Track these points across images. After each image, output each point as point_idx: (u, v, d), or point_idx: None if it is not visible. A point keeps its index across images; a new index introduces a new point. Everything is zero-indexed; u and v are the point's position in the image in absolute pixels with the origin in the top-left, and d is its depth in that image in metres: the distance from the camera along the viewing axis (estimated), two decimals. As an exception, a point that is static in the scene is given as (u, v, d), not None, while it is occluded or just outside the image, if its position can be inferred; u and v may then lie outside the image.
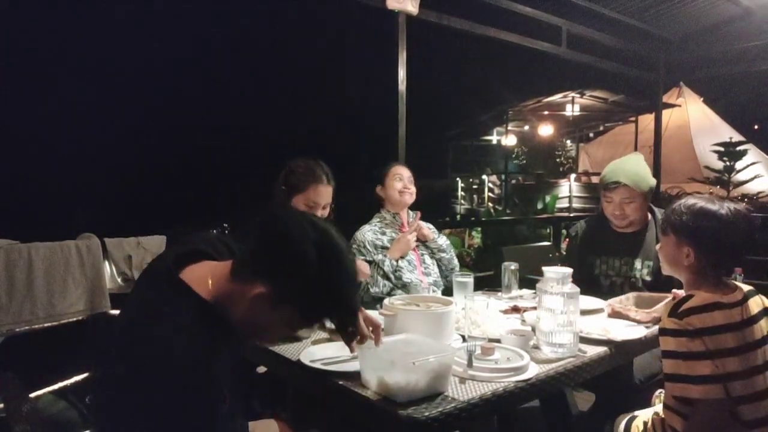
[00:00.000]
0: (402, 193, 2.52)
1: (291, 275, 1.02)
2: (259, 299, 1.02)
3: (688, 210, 1.47)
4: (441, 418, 1.19)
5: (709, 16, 4.96)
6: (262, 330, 1.11)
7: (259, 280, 1.02)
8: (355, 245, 2.46)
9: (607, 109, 11.32)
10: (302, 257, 1.01)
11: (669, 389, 1.36)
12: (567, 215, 8.95)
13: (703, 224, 1.43)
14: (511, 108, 11.52)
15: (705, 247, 1.44)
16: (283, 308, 1.04)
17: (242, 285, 1.04)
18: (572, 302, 1.56)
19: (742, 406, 1.34)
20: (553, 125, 12.46)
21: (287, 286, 1.02)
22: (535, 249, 3.93)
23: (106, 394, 1.07)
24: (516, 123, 13.12)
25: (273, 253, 1.03)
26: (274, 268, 1.02)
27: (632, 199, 2.32)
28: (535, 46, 4.49)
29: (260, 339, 1.17)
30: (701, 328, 1.32)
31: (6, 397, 1.28)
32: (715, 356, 1.32)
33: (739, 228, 1.42)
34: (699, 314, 1.34)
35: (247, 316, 1.05)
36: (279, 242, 1.03)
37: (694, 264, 1.46)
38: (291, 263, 1.02)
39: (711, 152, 9.46)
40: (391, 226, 2.55)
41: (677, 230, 1.49)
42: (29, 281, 2.42)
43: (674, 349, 1.34)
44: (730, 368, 1.32)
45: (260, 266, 1.03)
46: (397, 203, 2.55)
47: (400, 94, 3.44)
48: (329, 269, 1.03)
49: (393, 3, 3.31)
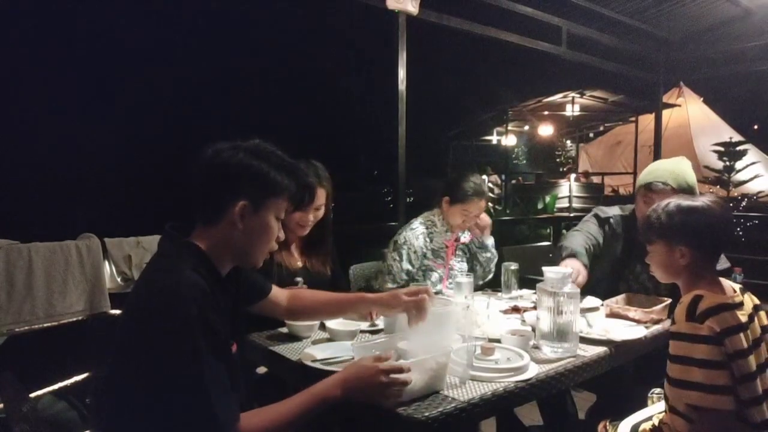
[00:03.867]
0: (458, 227, 2.53)
1: (251, 178, 1.19)
2: (245, 211, 1.18)
3: (667, 213, 1.48)
4: (441, 418, 1.19)
5: (709, 16, 4.96)
6: (265, 233, 1.24)
7: (232, 202, 1.17)
8: (406, 246, 2.46)
9: (607, 109, 11.31)
10: (247, 162, 1.19)
11: (677, 395, 1.33)
12: (567, 215, 8.95)
13: (686, 219, 1.44)
14: (511, 108, 11.49)
15: (697, 240, 1.44)
16: (264, 204, 1.21)
17: (223, 219, 1.18)
18: (572, 302, 1.56)
19: (752, 408, 1.33)
20: (553, 125, 12.45)
21: (253, 187, 1.19)
22: (535, 249, 3.93)
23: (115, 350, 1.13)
24: (516, 123, 13.09)
25: (225, 175, 1.18)
26: (235, 184, 1.18)
27: None
28: (535, 46, 4.49)
29: (265, 247, 1.27)
30: (722, 331, 1.29)
31: (6, 397, 1.28)
32: (733, 360, 1.29)
33: (718, 213, 1.44)
34: (715, 316, 1.31)
35: (247, 232, 1.20)
36: (223, 165, 1.18)
37: (691, 262, 1.45)
38: (243, 170, 1.18)
39: (711, 152, 9.46)
40: (439, 235, 2.55)
41: (664, 234, 1.48)
42: (29, 281, 2.42)
43: (690, 356, 1.30)
44: (744, 370, 1.30)
45: (225, 192, 1.18)
46: (453, 227, 2.55)
47: (400, 94, 3.44)
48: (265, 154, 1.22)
49: (393, 3, 3.31)
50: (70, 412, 2.48)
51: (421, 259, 2.49)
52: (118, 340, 1.12)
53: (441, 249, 2.54)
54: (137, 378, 1.05)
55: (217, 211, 1.19)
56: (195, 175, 1.21)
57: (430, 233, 2.53)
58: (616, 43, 5.13)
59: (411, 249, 2.46)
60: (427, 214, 2.60)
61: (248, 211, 1.19)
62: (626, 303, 2.09)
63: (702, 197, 1.49)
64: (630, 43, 5.27)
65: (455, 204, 2.47)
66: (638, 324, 1.87)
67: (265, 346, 1.70)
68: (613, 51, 5.26)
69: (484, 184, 2.51)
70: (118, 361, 1.11)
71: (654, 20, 5.03)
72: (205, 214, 1.20)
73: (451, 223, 2.52)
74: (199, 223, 1.22)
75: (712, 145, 9.43)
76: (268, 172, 1.20)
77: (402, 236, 2.50)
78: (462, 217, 2.48)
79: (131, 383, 1.06)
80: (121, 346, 1.12)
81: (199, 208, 1.21)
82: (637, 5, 4.70)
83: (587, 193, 10.00)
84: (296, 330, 1.78)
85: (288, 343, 1.72)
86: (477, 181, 2.47)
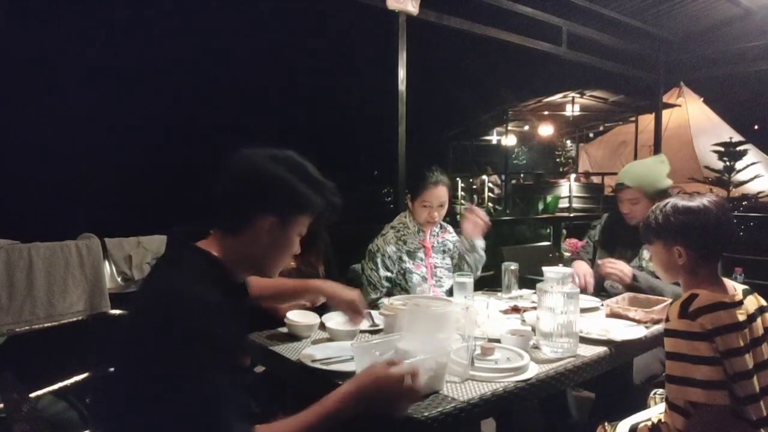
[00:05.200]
0: (427, 222, 2.45)
1: (284, 194, 1.14)
2: (273, 227, 1.14)
3: (664, 213, 1.49)
4: (440, 418, 1.19)
5: (709, 16, 4.96)
6: (287, 248, 1.20)
7: (260, 216, 1.12)
8: (379, 253, 2.41)
9: (607, 109, 11.32)
10: (281, 175, 1.13)
11: (674, 392, 1.34)
12: (567, 215, 8.96)
13: (682, 219, 1.45)
14: (511, 108, 11.51)
15: (691, 240, 1.45)
16: (292, 221, 1.17)
17: (245, 229, 1.13)
18: (572, 302, 1.56)
19: (748, 406, 1.33)
20: (553, 125, 12.46)
21: (285, 203, 1.14)
22: (535, 249, 3.94)
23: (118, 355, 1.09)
24: (516, 123, 13.10)
25: (258, 188, 1.13)
26: (266, 197, 1.13)
27: (637, 201, 2.42)
28: (535, 46, 4.49)
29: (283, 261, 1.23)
30: (713, 329, 1.31)
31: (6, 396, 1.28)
32: (725, 358, 1.31)
33: (714, 214, 1.44)
34: (708, 314, 1.33)
35: (270, 246, 1.16)
36: (256, 176, 1.13)
37: (687, 262, 1.46)
38: (277, 185, 1.13)
39: (711, 152, 9.47)
40: (413, 236, 2.48)
41: (661, 234, 1.50)
42: (29, 281, 2.42)
43: (684, 352, 1.32)
44: (738, 368, 1.32)
45: (254, 205, 1.13)
46: (422, 224, 2.48)
47: (400, 94, 3.44)
48: (300, 169, 1.17)
49: (393, 3, 3.31)
50: (70, 412, 2.49)
51: (397, 263, 2.42)
52: (122, 343, 1.09)
53: (417, 249, 2.47)
54: (139, 386, 1.01)
55: (243, 221, 1.14)
56: (223, 181, 1.15)
57: (402, 236, 2.46)
58: (616, 43, 5.13)
59: (385, 255, 2.40)
60: (399, 216, 2.55)
61: (276, 226, 1.14)
62: (626, 303, 2.09)
63: (701, 197, 1.50)
64: (630, 43, 5.27)
65: (415, 199, 2.43)
66: (638, 324, 1.87)
67: (265, 346, 1.70)
68: (613, 51, 5.26)
69: (441, 173, 2.42)
70: (122, 364, 1.08)
71: (654, 20, 5.03)
72: (228, 223, 1.15)
73: (418, 221, 2.46)
74: (216, 230, 1.17)
75: (712, 145, 9.43)
76: (302, 190, 1.15)
77: (374, 244, 2.45)
78: (425, 210, 2.41)
79: (133, 391, 1.02)
80: (124, 350, 1.08)
81: (222, 215, 1.16)
82: (637, 5, 4.69)
83: (587, 193, 10.01)
84: (296, 330, 1.78)
85: (287, 343, 1.72)
86: (431, 171, 2.40)
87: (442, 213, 2.44)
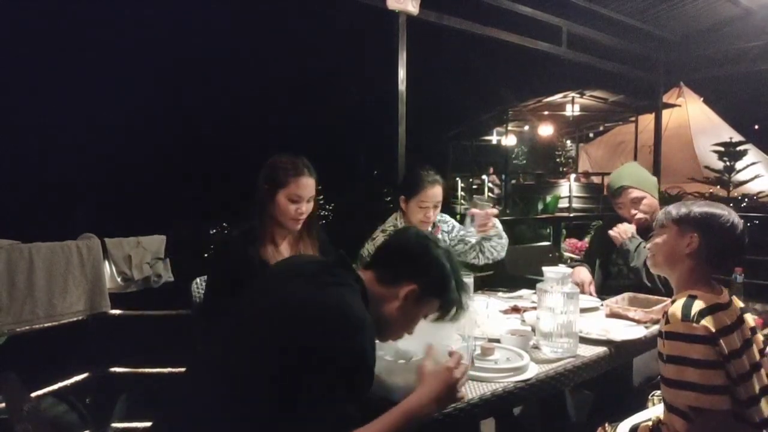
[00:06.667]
0: (422, 222, 2.42)
1: (433, 273, 1.27)
2: (411, 295, 1.24)
3: (688, 207, 1.48)
4: (440, 418, 1.19)
5: (709, 16, 4.97)
6: (410, 322, 1.30)
7: (406, 280, 1.25)
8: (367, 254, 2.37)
9: (607, 109, 11.31)
10: (439, 258, 1.28)
11: (674, 395, 1.32)
12: (567, 215, 8.95)
13: (706, 213, 1.45)
14: (511, 108, 11.49)
15: (710, 232, 1.43)
16: (427, 301, 1.27)
17: (392, 286, 1.26)
18: (572, 302, 1.56)
19: (749, 408, 1.33)
20: (553, 125, 12.45)
21: (431, 283, 1.26)
22: (535, 249, 3.94)
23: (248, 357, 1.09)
24: (516, 123, 13.09)
25: (416, 257, 1.28)
26: (418, 269, 1.26)
27: (643, 197, 2.43)
28: (535, 46, 4.49)
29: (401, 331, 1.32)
30: (717, 332, 1.29)
31: (7, 396, 1.28)
32: (728, 360, 1.29)
33: (737, 222, 1.44)
34: (711, 315, 1.31)
35: (399, 311, 1.26)
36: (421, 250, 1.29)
37: (695, 252, 1.44)
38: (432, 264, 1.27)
39: (711, 152, 9.46)
40: None
41: (681, 221, 1.47)
42: (30, 281, 2.42)
43: (686, 356, 1.29)
44: (741, 370, 1.31)
45: (407, 269, 1.27)
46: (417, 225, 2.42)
47: (400, 94, 3.43)
48: (454, 267, 1.30)
49: (393, 3, 3.31)
50: (71, 414, 2.49)
51: None
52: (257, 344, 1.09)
53: None
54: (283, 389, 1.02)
55: (394, 278, 1.26)
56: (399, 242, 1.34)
57: None
58: (616, 43, 5.13)
59: None
60: (390, 219, 2.53)
61: (412, 295, 1.24)
62: (626, 303, 2.09)
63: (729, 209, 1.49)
64: (630, 43, 5.27)
65: (411, 200, 2.40)
66: (638, 324, 1.87)
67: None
68: (613, 51, 5.26)
69: (435, 172, 2.43)
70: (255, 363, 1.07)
71: (654, 20, 5.03)
72: (382, 271, 1.28)
73: (413, 221, 2.42)
74: (370, 271, 1.29)
75: (712, 145, 9.42)
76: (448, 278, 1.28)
77: (365, 249, 2.43)
78: (421, 210, 2.39)
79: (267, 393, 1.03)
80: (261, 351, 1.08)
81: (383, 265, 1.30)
82: (637, 5, 4.70)
83: (587, 193, 10.00)
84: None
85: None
86: (426, 170, 2.40)
87: (437, 213, 2.45)
